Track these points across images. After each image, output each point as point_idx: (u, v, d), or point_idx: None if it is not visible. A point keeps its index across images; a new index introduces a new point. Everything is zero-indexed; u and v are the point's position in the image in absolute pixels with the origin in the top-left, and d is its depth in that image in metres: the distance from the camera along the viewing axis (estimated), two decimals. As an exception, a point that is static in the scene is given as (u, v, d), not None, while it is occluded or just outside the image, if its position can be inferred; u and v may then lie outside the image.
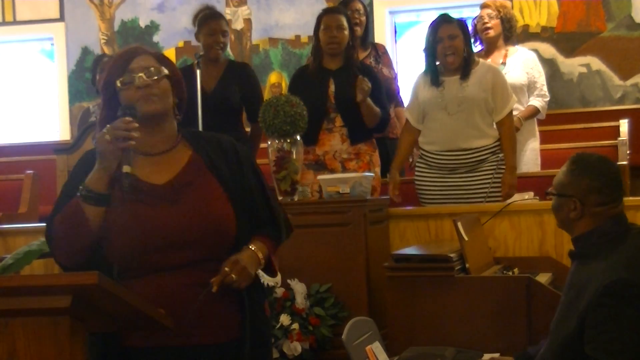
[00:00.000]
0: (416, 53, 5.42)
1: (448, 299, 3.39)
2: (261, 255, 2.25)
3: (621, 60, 6.98)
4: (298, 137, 4.04)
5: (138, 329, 2.09)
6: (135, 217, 2.14)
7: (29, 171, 5.97)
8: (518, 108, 4.94)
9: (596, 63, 7.02)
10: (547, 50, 6.99)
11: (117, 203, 2.15)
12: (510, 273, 3.68)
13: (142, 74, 2.22)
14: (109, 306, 1.86)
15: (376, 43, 5.52)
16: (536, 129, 5.26)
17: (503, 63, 5.09)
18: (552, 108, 5.98)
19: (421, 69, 4.56)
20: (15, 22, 7.98)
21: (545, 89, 5.22)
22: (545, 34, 6.94)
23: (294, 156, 4.01)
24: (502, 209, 4.06)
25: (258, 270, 2.28)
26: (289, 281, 3.79)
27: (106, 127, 2.14)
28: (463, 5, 7.15)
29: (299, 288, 3.78)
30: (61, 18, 7.92)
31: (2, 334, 1.77)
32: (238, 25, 7.60)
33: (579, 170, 2.58)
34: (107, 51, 7.77)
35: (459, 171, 4.39)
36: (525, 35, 6.92)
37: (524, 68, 5.16)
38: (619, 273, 2.42)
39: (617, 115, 6.48)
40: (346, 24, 4.58)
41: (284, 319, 3.69)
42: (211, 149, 2.30)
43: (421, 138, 4.52)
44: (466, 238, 3.52)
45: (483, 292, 3.36)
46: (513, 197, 4.28)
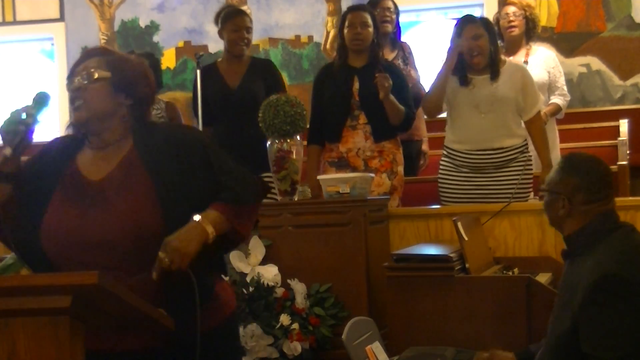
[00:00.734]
0: (416, 53, 5.39)
1: (448, 299, 3.39)
2: (207, 223, 2.13)
3: (621, 60, 6.99)
4: (298, 137, 4.04)
5: (138, 329, 2.09)
6: (62, 214, 2.18)
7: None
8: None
9: (596, 63, 7.03)
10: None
11: (56, 198, 2.19)
12: (510, 273, 3.68)
13: (79, 77, 2.23)
14: (109, 306, 1.86)
15: (402, 43, 5.33)
16: (556, 128, 5.27)
17: (525, 62, 5.08)
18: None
19: (422, 69, 4.52)
20: (15, 22, 7.99)
21: (565, 89, 5.24)
22: (545, 34, 6.93)
23: (294, 156, 4.02)
24: (502, 209, 4.06)
25: (203, 241, 2.12)
26: (289, 281, 3.79)
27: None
28: (463, 5, 7.09)
29: (299, 288, 3.78)
30: (61, 18, 7.93)
31: (2, 334, 1.77)
32: (238, 25, 7.59)
33: (568, 169, 2.64)
34: (107, 51, 7.77)
35: (487, 170, 4.37)
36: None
37: (545, 67, 5.17)
38: (608, 268, 2.44)
39: (617, 115, 6.49)
40: (371, 22, 4.55)
41: (284, 319, 3.70)
42: (155, 143, 2.23)
43: (449, 136, 4.48)
44: (466, 238, 3.52)
45: (483, 292, 3.36)
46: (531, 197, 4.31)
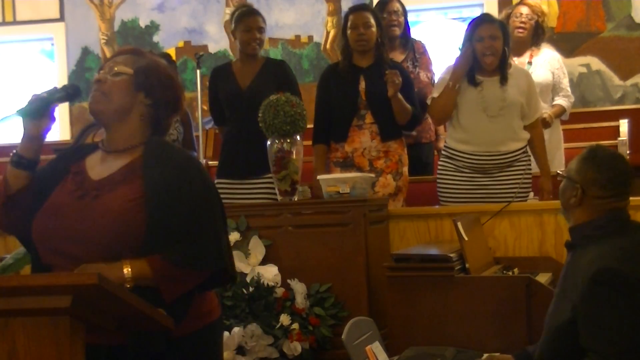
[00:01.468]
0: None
1: (448, 299, 3.39)
2: (129, 271, 2.10)
3: (621, 60, 6.99)
4: (298, 137, 4.04)
5: (138, 329, 2.10)
6: (54, 204, 2.22)
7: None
8: (543, 107, 4.91)
9: (596, 63, 7.03)
10: (547, 50, 7.01)
11: (56, 190, 2.25)
12: (510, 273, 3.68)
13: (104, 71, 2.29)
14: (109, 306, 1.86)
15: (416, 42, 5.23)
16: (560, 129, 5.28)
17: (529, 62, 5.07)
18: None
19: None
20: (15, 22, 7.99)
21: (569, 90, 5.24)
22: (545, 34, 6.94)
23: (294, 156, 4.01)
24: (502, 209, 4.06)
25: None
26: (289, 281, 3.80)
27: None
28: (463, 5, 7.07)
29: (299, 288, 3.78)
30: (61, 18, 7.93)
31: (2, 334, 1.77)
32: (238, 25, 7.59)
33: (590, 161, 2.63)
34: (107, 51, 7.78)
35: (490, 171, 4.36)
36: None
37: (550, 67, 5.17)
38: (608, 262, 2.44)
39: (617, 115, 6.48)
40: (373, 21, 4.54)
41: (284, 319, 3.70)
42: (163, 163, 2.21)
43: (453, 136, 4.44)
44: (466, 238, 3.53)
45: (483, 292, 3.36)
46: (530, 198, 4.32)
